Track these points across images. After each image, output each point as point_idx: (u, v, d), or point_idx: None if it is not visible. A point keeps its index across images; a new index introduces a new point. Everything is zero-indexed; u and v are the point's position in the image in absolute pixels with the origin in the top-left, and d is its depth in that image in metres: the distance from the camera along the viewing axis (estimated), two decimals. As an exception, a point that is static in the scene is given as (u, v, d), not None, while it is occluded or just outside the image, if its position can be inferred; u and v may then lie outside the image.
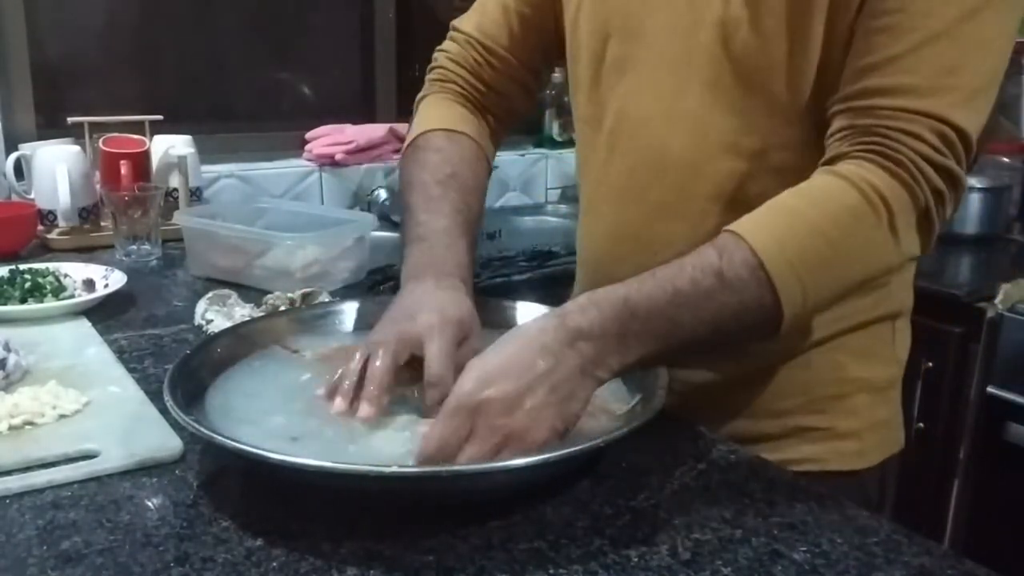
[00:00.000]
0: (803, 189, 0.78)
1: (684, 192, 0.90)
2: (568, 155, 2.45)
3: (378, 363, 0.77)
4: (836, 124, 0.79)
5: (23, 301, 1.17)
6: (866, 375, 0.96)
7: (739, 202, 0.86)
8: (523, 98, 1.09)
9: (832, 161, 0.78)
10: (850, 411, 0.96)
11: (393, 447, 0.73)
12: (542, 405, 0.69)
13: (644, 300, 0.72)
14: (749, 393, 0.95)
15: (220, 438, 0.68)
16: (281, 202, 1.79)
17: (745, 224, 0.76)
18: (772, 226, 0.75)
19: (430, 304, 0.81)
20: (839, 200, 0.75)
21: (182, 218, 1.44)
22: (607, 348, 0.72)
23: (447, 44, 1.09)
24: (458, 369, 0.75)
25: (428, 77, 1.09)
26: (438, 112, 1.04)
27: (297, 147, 2.19)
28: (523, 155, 2.47)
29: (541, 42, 1.04)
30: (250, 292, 1.27)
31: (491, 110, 1.07)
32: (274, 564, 0.64)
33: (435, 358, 0.76)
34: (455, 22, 1.09)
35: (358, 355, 0.78)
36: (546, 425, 0.70)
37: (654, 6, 0.90)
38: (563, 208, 2.39)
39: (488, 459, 0.68)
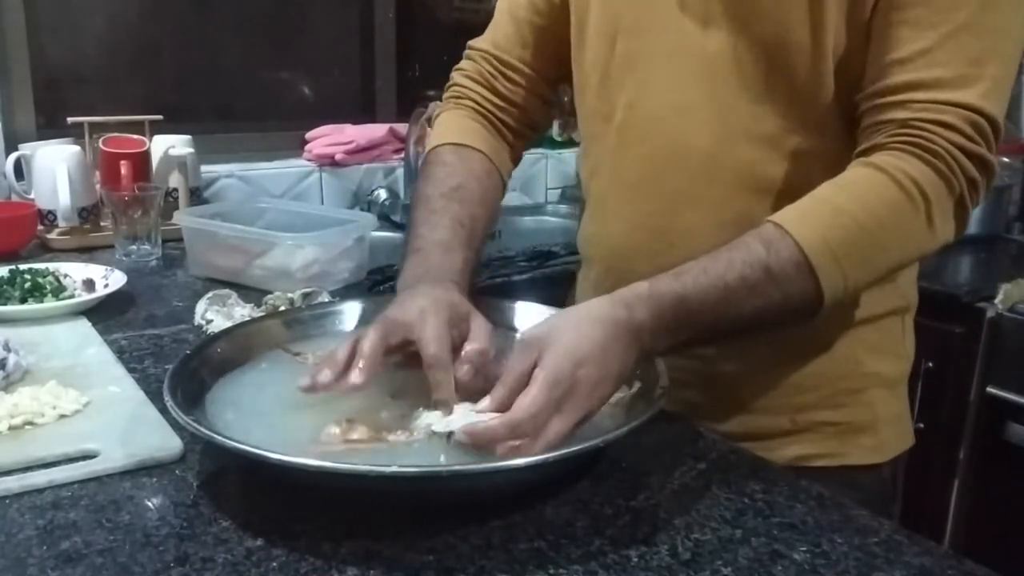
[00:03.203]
0: (843, 182, 0.80)
1: (702, 180, 0.91)
2: (568, 155, 2.44)
3: (366, 342, 0.76)
4: (869, 118, 0.82)
5: (23, 301, 1.17)
6: (880, 370, 0.98)
7: (758, 187, 0.88)
8: (541, 111, 1.09)
9: (867, 152, 0.80)
10: (866, 405, 0.97)
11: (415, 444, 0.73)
12: (608, 392, 0.73)
13: (699, 297, 0.76)
14: (767, 388, 0.95)
15: (220, 438, 0.68)
16: (281, 202, 1.79)
17: (789, 217, 0.78)
18: (815, 220, 0.78)
19: (421, 294, 0.82)
20: (879, 193, 0.78)
21: (182, 218, 1.44)
22: (661, 338, 0.76)
23: (463, 63, 1.10)
24: (454, 352, 0.77)
25: (444, 96, 1.10)
26: (450, 127, 1.05)
27: (297, 147, 2.19)
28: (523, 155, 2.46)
29: (556, 51, 1.04)
30: (250, 292, 1.27)
31: (508, 124, 1.07)
32: (274, 564, 0.64)
33: (430, 340, 0.76)
34: (471, 42, 1.10)
35: (346, 341, 0.78)
36: (600, 406, 0.73)
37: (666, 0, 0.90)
38: (563, 208, 2.39)
39: (567, 435, 0.69)
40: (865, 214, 0.77)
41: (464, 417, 0.71)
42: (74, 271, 1.28)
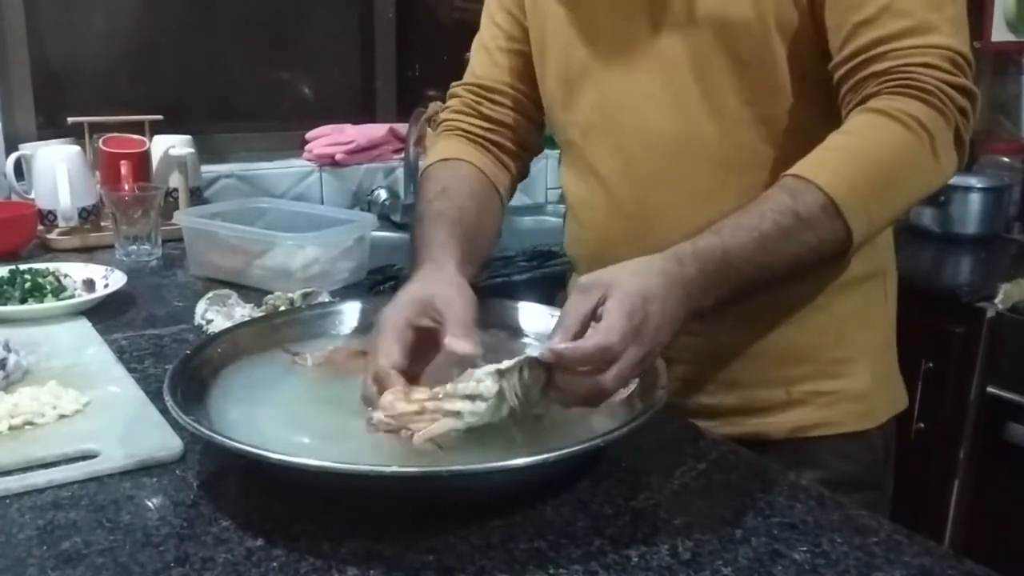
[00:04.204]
0: (850, 128, 0.83)
1: (671, 160, 0.94)
2: (568, 155, 2.44)
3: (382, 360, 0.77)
4: (851, 79, 0.85)
5: (23, 301, 1.17)
6: (868, 337, 1.01)
7: (725, 160, 0.92)
8: (530, 131, 1.11)
9: (863, 103, 0.84)
10: (858, 373, 0.99)
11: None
12: (666, 341, 0.74)
13: (739, 250, 0.78)
14: (761, 361, 0.98)
15: (220, 438, 0.68)
16: (281, 202, 1.78)
17: (805, 167, 0.81)
18: (832, 164, 0.81)
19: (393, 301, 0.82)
20: (886, 132, 0.81)
21: (182, 218, 1.44)
22: (707, 294, 0.77)
23: (448, 102, 1.12)
24: (420, 343, 0.78)
25: (436, 133, 1.13)
26: (439, 150, 1.07)
27: (297, 147, 2.19)
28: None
29: (535, 73, 1.06)
30: (250, 292, 1.27)
31: (499, 144, 1.08)
32: (274, 564, 0.64)
33: (380, 353, 0.77)
34: (453, 83, 1.13)
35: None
36: (658, 353, 0.74)
37: (614, 3, 0.94)
38: (563, 208, 2.38)
39: (641, 364, 0.72)
40: (879, 153, 0.81)
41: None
42: (74, 271, 1.28)
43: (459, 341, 0.76)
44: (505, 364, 0.70)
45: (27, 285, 1.19)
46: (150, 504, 0.72)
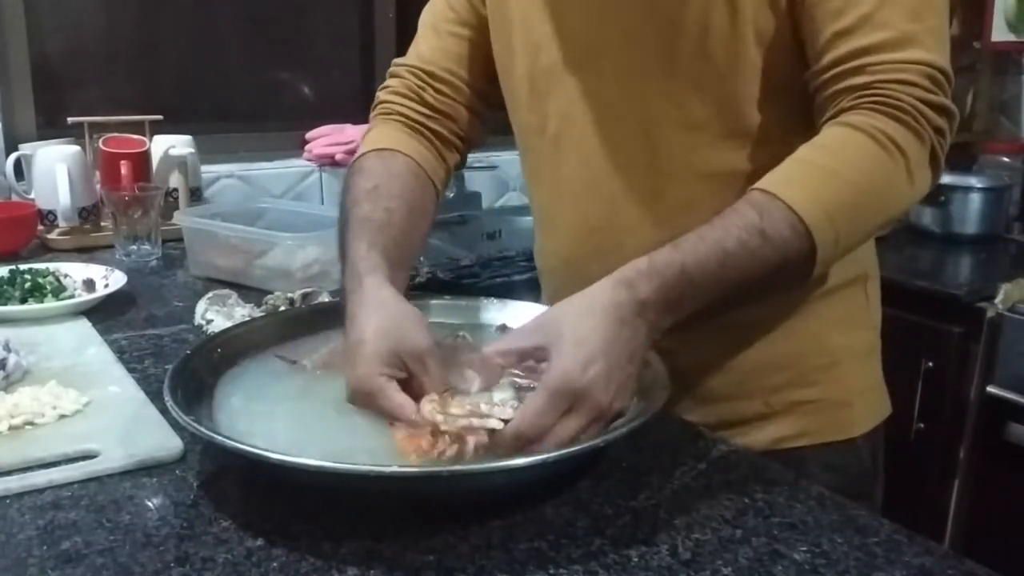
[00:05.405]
0: (821, 143, 0.80)
1: (640, 174, 0.92)
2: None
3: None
4: (827, 90, 0.83)
5: (23, 301, 1.17)
6: (849, 343, 0.98)
7: (695, 173, 0.90)
8: (473, 123, 1.05)
9: (835, 117, 0.81)
10: (839, 380, 0.97)
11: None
12: (627, 377, 0.72)
13: (699, 265, 0.75)
14: (736, 374, 0.95)
15: (220, 438, 0.68)
16: (281, 202, 1.79)
17: (774, 181, 0.78)
18: (803, 181, 0.78)
19: (361, 333, 0.77)
20: (861, 150, 0.78)
21: (182, 218, 1.44)
22: (667, 313, 0.75)
23: (388, 81, 1.07)
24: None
25: (372, 115, 1.07)
26: (374, 138, 1.01)
27: (297, 147, 2.19)
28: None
29: (485, 65, 1.03)
30: (250, 292, 1.27)
31: (438, 133, 1.03)
32: (274, 564, 0.64)
33: (395, 404, 0.74)
34: (395, 60, 1.08)
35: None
36: (627, 394, 0.72)
37: (587, 7, 0.91)
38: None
39: (577, 436, 0.70)
40: (850, 169, 0.78)
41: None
42: (74, 271, 1.28)
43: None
44: (522, 381, 0.72)
45: (27, 285, 1.19)
46: (150, 504, 0.72)
